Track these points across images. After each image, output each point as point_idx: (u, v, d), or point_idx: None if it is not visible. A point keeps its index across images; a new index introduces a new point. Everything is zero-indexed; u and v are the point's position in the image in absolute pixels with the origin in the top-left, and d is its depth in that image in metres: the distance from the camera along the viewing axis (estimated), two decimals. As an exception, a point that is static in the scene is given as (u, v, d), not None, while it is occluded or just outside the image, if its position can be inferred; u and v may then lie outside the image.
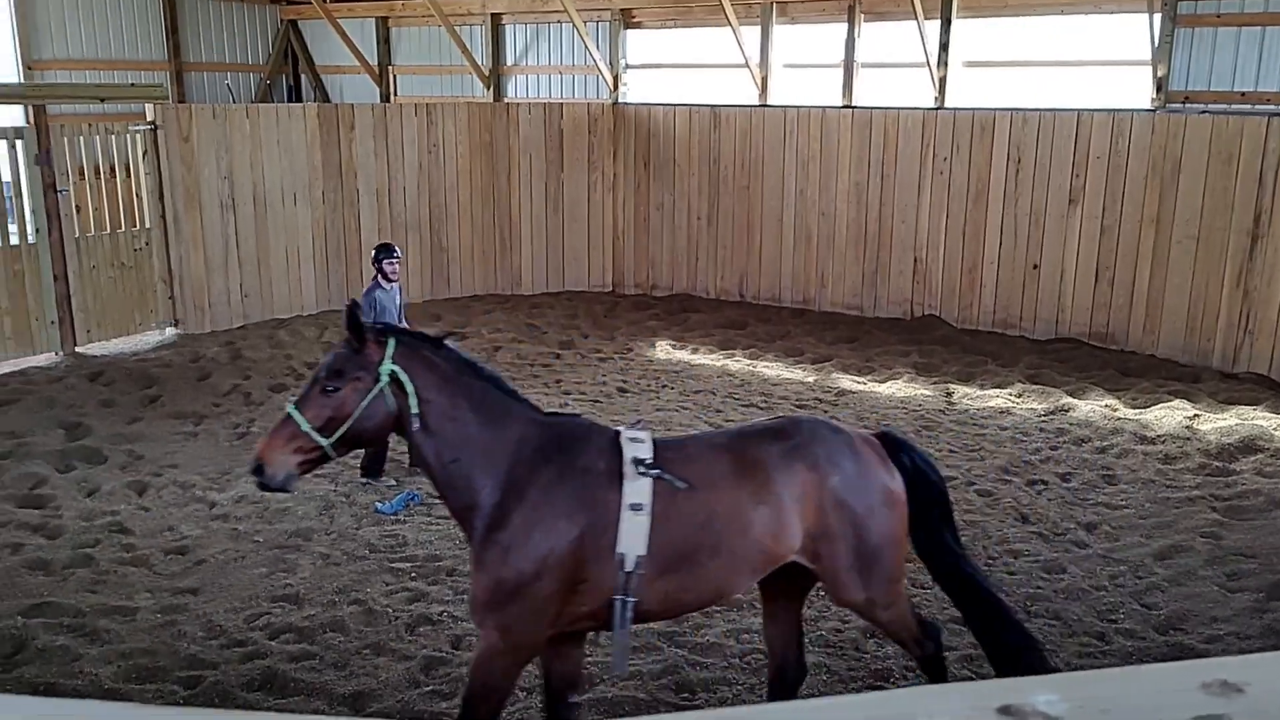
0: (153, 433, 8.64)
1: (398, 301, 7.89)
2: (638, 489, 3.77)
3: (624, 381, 10.42)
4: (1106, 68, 11.26)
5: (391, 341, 3.84)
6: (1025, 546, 6.60)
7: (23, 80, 14.97)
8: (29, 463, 7.83)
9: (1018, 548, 6.58)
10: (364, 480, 7.64)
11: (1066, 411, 9.22)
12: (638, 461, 3.79)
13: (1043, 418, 9.13)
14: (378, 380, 3.77)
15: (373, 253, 7.99)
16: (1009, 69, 11.88)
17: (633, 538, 3.74)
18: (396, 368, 3.78)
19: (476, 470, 3.83)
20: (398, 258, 7.88)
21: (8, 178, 10.31)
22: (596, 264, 14.64)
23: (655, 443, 3.91)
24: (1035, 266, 11.38)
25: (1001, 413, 9.31)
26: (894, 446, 4.29)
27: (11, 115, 14.40)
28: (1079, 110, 10.94)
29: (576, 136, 14.24)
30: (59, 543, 6.59)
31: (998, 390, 9.89)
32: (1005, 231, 11.52)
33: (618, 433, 3.96)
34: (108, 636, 5.44)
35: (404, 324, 7.88)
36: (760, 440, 4.04)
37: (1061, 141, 11.04)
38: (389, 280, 7.80)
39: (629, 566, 3.73)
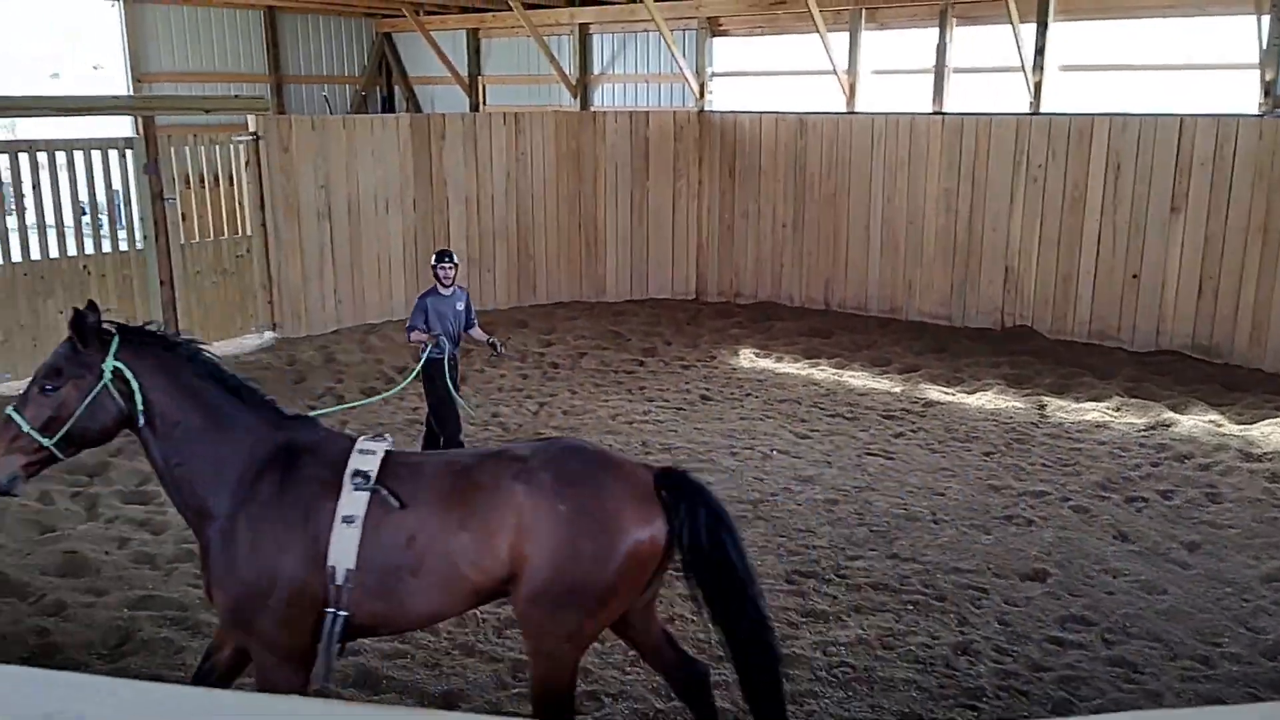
0: (251, 433, 8.91)
1: (459, 306, 7.82)
2: (353, 501, 3.71)
3: (707, 389, 10.40)
4: (1211, 71, 10.88)
5: (116, 339, 3.80)
6: (1124, 565, 6.40)
7: (132, 92, 15.65)
8: (137, 460, 8.14)
9: (1116, 566, 6.39)
10: None
11: (1168, 427, 8.91)
12: (358, 473, 3.74)
13: (1142, 433, 8.84)
14: (100, 378, 3.75)
15: (432, 258, 8.04)
16: (1108, 73, 11.55)
17: (343, 550, 3.68)
18: (121, 364, 3.76)
19: (205, 476, 3.80)
20: (451, 263, 7.83)
21: (118, 186, 10.77)
22: (680, 271, 14.66)
23: (391, 455, 3.84)
24: (1135, 276, 11.03)
25: (1098, 427, 9.04)
26: (674, 491, 3.88)
27: (121, 126, 15.08)
28: (1182, 115, 10.58)
29: (662, 144, 14.29)
30: (163, 538, 6.84)
31: (1094, 404, 9.61)
32: (1103, 240, 11.19)
33: (353, 441, 3.92)
34: (209, 630, 5.61)
35: (474, 329, 7.92)
36: (499, 463, 3.85)
37: (1163, 147, 10.68)
38: (444, 285, 7.82)
39: (339, 580, 3.67)
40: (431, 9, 17.37)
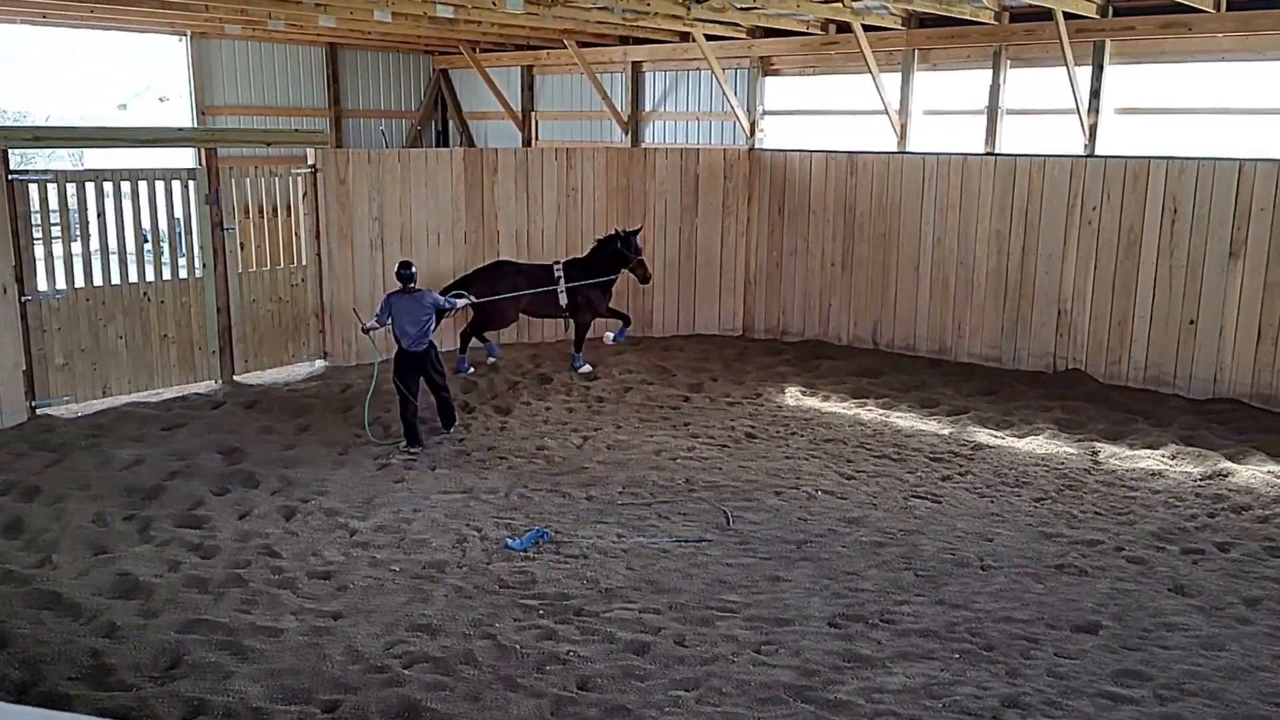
0: (303, 459, 9.05)
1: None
2: None
3: (753, 427, 10.36)
4: (1272, 116, 10.69)
5: None
6: (1181, 620, 6.23)
7: (196, 124, 16.09)
8: (191, 484, 8.30)
9: (1172, 620, 6.23)
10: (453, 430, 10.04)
11: (1225, 476, 8.70)
12: None
13: (1199, 482, 8.64)
14: None
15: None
16: (1165, 116, 11.41)
17: None
18: None
19: None
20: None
21: (179, 215, 11.03)
22: (728, 308, 14.66)
23: None
24: (1191, 322, 10.83)
25: (1153, 475, 8.86)
26: None
27: (185, 157, 15.49)
28: (1241, 160, 10.41)
29: (712, 181, 14.36)
30: (213, 562, 6.94)
31: (1149, 451, 9.42)
32: (1159, 284, 11.02)
33: None
34: (256, 655, 5.67)
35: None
36: None
37: (1222, 192, 10.52)
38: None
39: None
40: (487, 46, 17.68)
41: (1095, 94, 11.50)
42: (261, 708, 5.15)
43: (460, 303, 10.75)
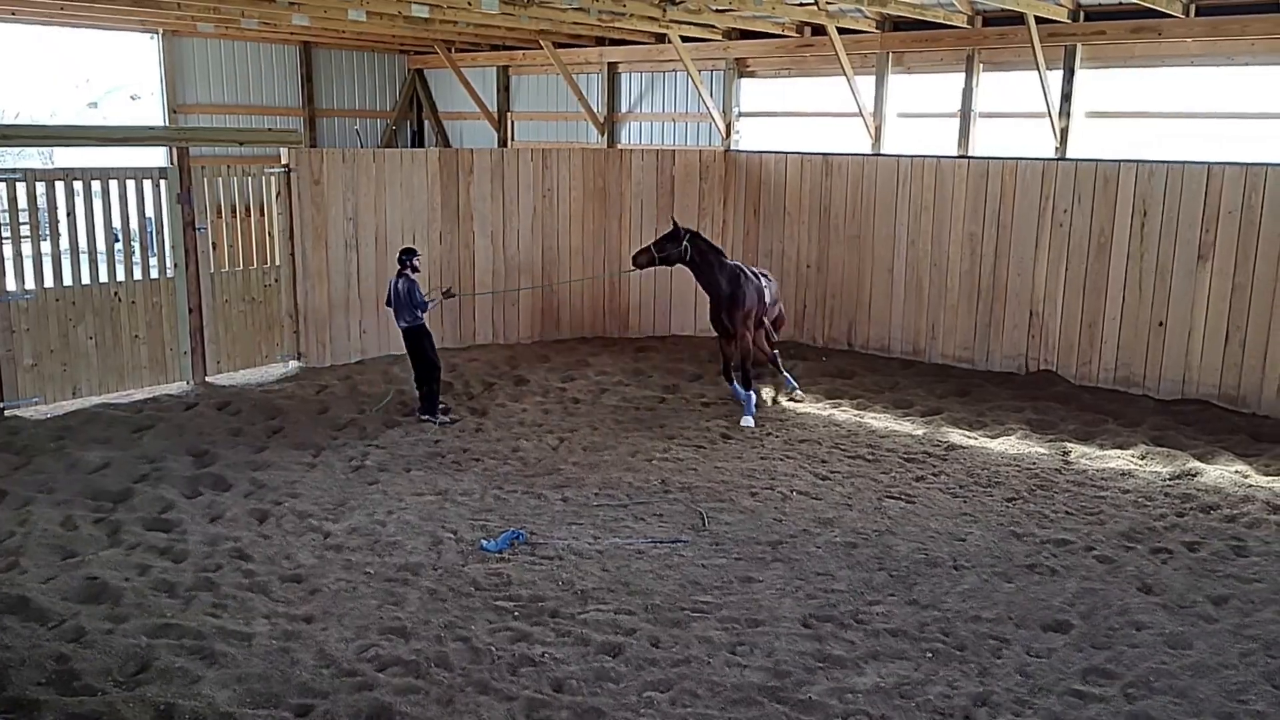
0: (275, 462, 8.98)
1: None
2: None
3: (728, 428, 10.38)
4: (1240, 120, 10.84)
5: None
6: (1148, 618, 6.30)
7: (168, 123, 15.96)
8: (160, 487, 8.22)
9: (1140, 619, 6.29)
10: (424, 419, 10.28)
11: (1193, 476, 8.80)
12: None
13: (1167, 482, 8.74)
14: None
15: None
16: (1135, 120, 11.54)
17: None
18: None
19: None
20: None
21: (151, 214, 10.94)
22: (703, 309, 14.62)
23: None
24: (1161, 323, 10.95)
25: (1123, 475, 8.95)
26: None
27: (156, 156, 15.37)
28: (1209, 164, 10.55)
29: (688, 183, 14.38)
30: (183, 566, 6.88)
31: (1119, 451, 9.51)
32: (1129, 286, 11.14)
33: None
34: (225, 660, 5.63)
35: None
36: None
37: (1190, 195, 10.64)
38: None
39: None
40: (463, 46, 17.63)
41: (1066, 98, 11.61)
42: (230, 713, 5.11)
43: (431, 305, 10.54)
